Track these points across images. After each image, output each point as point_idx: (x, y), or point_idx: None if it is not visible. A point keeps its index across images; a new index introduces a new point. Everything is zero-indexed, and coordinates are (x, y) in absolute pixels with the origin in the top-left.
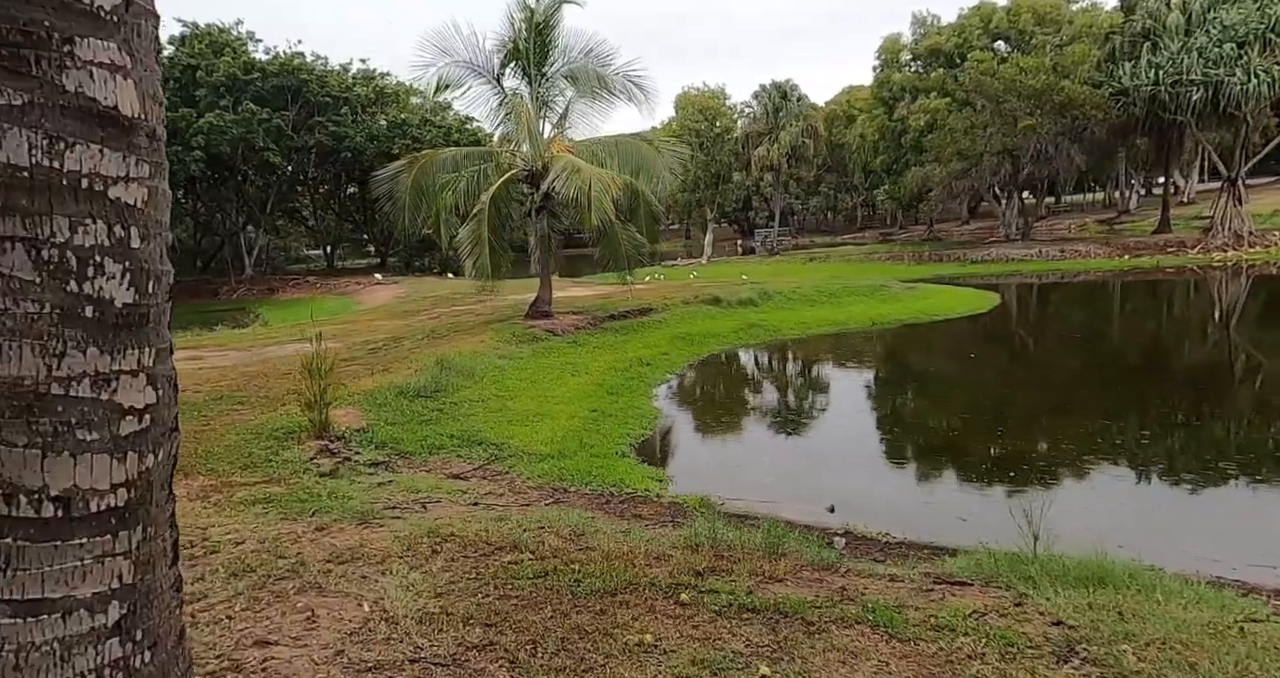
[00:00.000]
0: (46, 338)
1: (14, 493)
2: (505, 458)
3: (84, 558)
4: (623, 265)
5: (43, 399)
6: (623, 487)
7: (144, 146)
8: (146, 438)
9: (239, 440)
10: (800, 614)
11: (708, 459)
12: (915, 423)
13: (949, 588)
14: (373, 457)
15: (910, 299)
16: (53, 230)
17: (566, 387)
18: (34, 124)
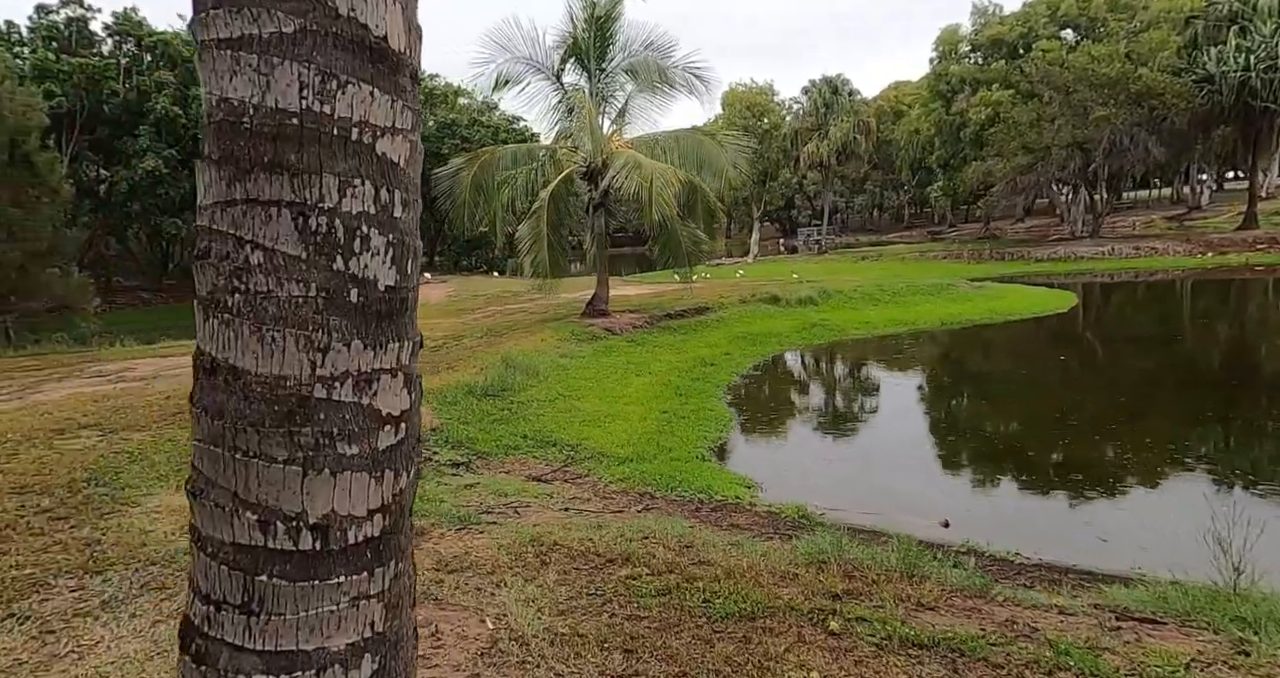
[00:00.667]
0: (311, 328)
1: (270, 519)
2: (582, 460)
3: (340, 601)
4: (683, 263)
5: (305, 404)
6: (711, 493)
7: (408, 90)
8: (401, 453)
9: None
10: (980, 654)
11: (792, 465)
12: (1014, 431)
13: (1140, 626)
14: (452, 457)
15: (980, 298)
16: (321, 193)
17: (632, 387)
18: (305, 57)
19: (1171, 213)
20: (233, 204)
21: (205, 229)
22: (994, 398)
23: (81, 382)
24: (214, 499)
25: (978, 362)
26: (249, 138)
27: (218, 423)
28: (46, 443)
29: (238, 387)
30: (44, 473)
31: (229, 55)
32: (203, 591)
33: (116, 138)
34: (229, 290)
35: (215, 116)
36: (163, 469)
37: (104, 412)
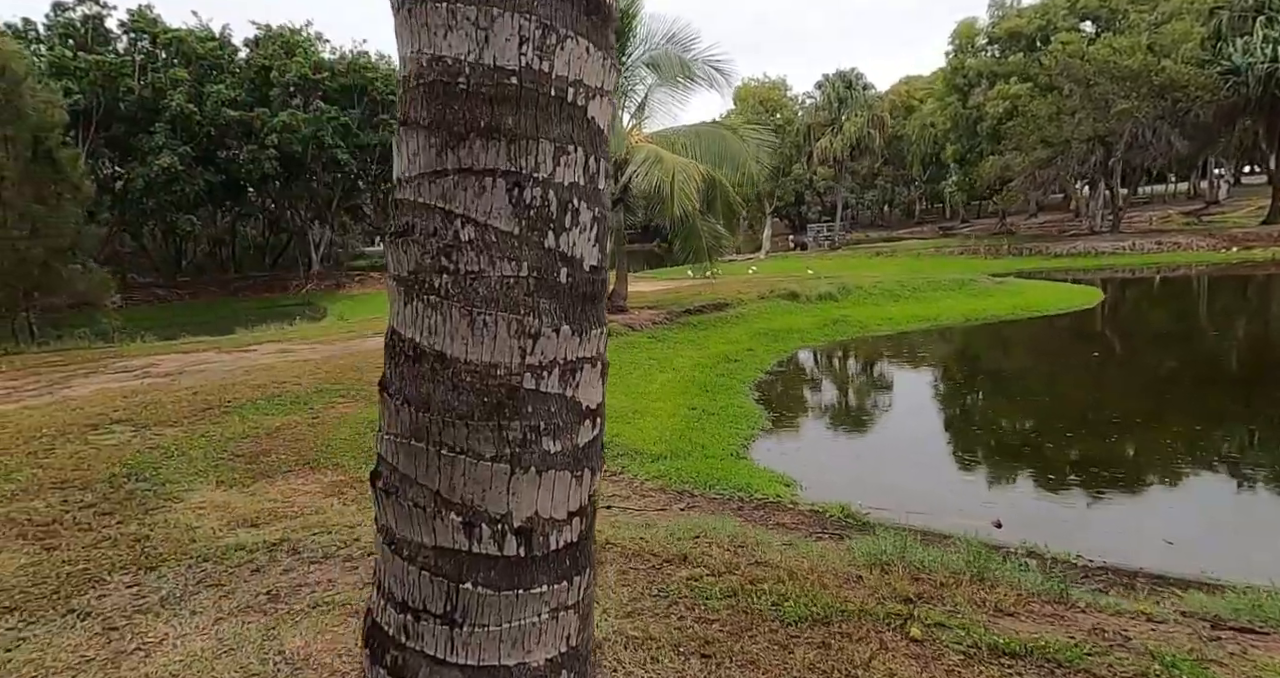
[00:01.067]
0: (522, 311)
1: (475, 521)
2: (616, 457)
3: (541, 612)
4: (703, 258)
5: (514, 395)
6: (750, 492)
7: (614, 47)
8: (595, 450)
9: (353, 434)
10: (1079, 665)
11: (829, 464)
12: (1055, 429)
13: (1240, 637)
14: None
15: (1003, 294)
16: (537, 161)
17: (656, 383)
18: (526, 8)
19: (1188, 208)
20: (443, 175)
21: (408, 203)
22: (1030, 395)
23: (108, 377)
24: (412, 498)
25: (1007, 358)
26: (465, 100)
27: (422, 416)
28: (81, 438)
29: (445, 376)
30: (82, 468)
31: (444, 8)
32: (398, 597)
33: (132, 135)
34: (436, 270)
35: (426, 77)
36: (200, 465)
37: (134, 407)
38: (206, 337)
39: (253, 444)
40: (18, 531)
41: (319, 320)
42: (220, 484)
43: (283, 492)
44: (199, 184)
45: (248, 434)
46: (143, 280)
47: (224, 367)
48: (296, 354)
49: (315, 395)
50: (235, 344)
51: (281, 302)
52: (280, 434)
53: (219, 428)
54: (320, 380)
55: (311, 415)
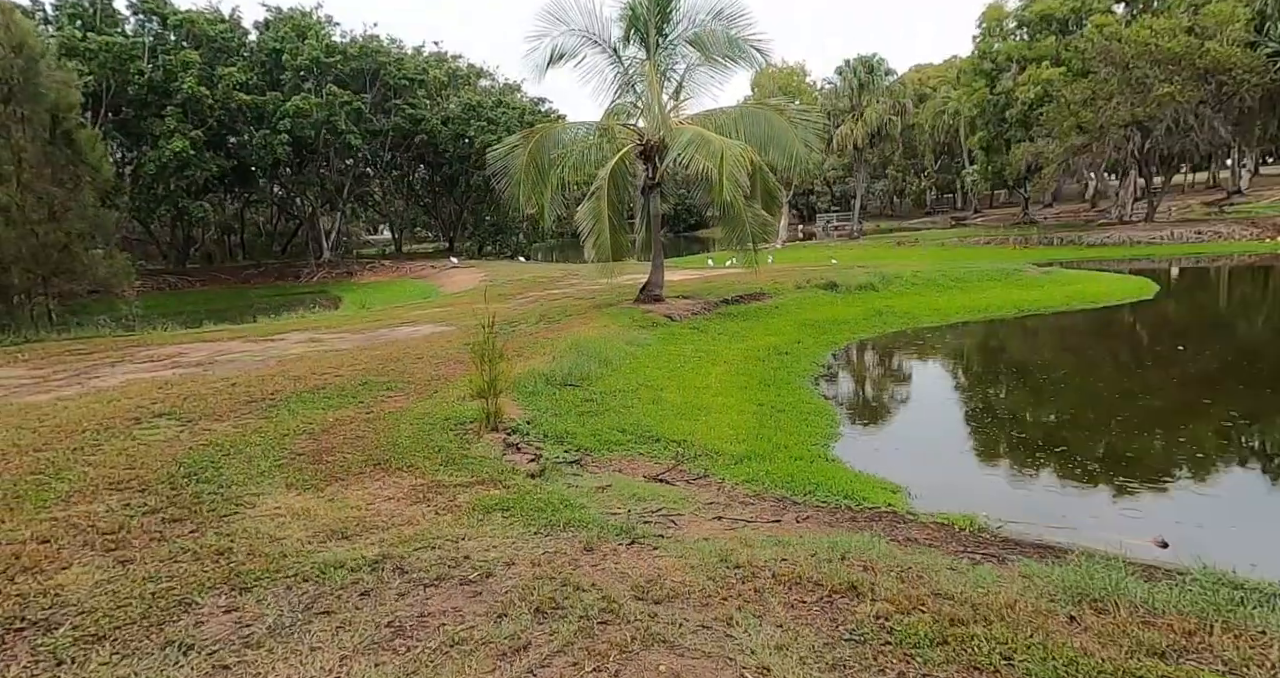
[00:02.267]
0: None
1: None
2: (695, 457)
3: None
4: (747, 245)
5: None
6: (857, 499)
7: None
8: None
9: (416, 431)
10: None
11: (928, 466)
12: (1168, 427)
13: None
14: (559, 453)
15: (1051, 284)
16: None
17: (712, 377)
18: None
19: (1210, 198)
20: None
21: None
22: (1125, 391)
23: (136, 367)
24: None
25: (1081, 352)
26: None
27: None
28: (126, 433)
29: None
30: (136, 466)
31: None
32: None
33: (142, 119)
34: None
35: None
36: (262, 465)
37: (173, 399)
38: (227, 325)
39: (311, 442)
40: (83, 539)
41: (336, 309)
42: (291, 487)
43: (362, 497)
44: (211, 169)
45: (303, 430)
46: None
47: (254, 357)
48: (326, 344)
49: (361, 389)
50: (261, 333)
51: (294, 290)
52: (338, 431)
53: (270, 424)
54: (361, 372)
55: (364, 410)
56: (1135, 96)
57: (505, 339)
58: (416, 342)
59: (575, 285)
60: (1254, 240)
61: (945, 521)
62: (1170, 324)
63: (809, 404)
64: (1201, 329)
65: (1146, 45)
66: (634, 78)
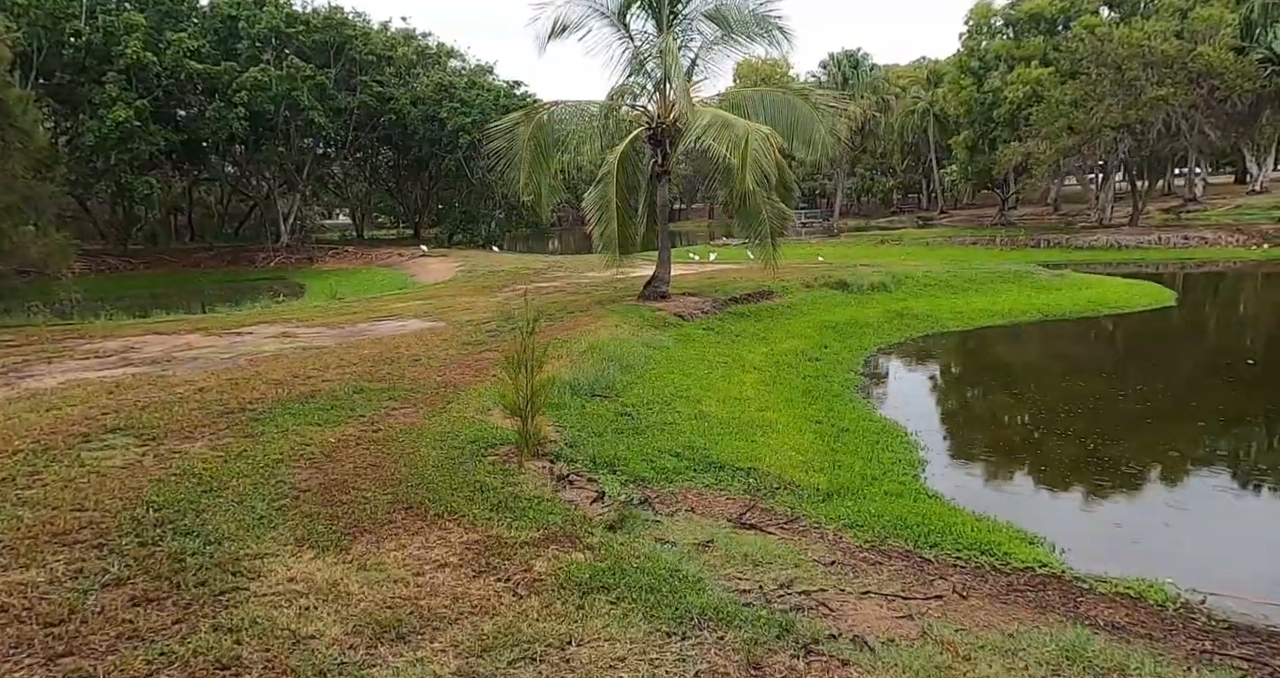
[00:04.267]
0: None
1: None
2: (771, 491)
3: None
4: (765, 240)
5: None
6: (997, 554)
7: None
8: None
9: (442, 457)
10: None
11: (1050, 504)
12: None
13: None
14: (618, 487)
15: (1068, 288)
16: None
17: (747, 387)
18: None
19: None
20: None
21: None
22: (1227, 410)
23: (79, 364)
24: None
25: (1147, 362)
26: None
27: None
28: (73, 456)
29: None
30: (87, 507)
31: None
32: None
33: (79, 85)
34: None
35: None
36: (257, 506)
37: (129, 408)
38: (183, 315)
39: (315, 472)
40: (17, 633)
41: (300, 298)
42: (303, 543)
43: (403, 561)
44: (157, 143)
45: (299, 454)
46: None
47: (220, 353)
48: (302, 340)
49: (358, 398)
50: (224, 325)
51: (250, 275)
52: (344, 456)
53: (257, 445)
54: (353, 376)
55: (369, 427)
56: (1127, 98)
57: (506, 338)
58: (407, 340)
59: (564, 278)
60: (1241, 247)
61: (1131, 592)
62: (1217, 335)
63: (870, 422)
64: (1258, 341)
65: (1140, 47)
66: (644, 54)
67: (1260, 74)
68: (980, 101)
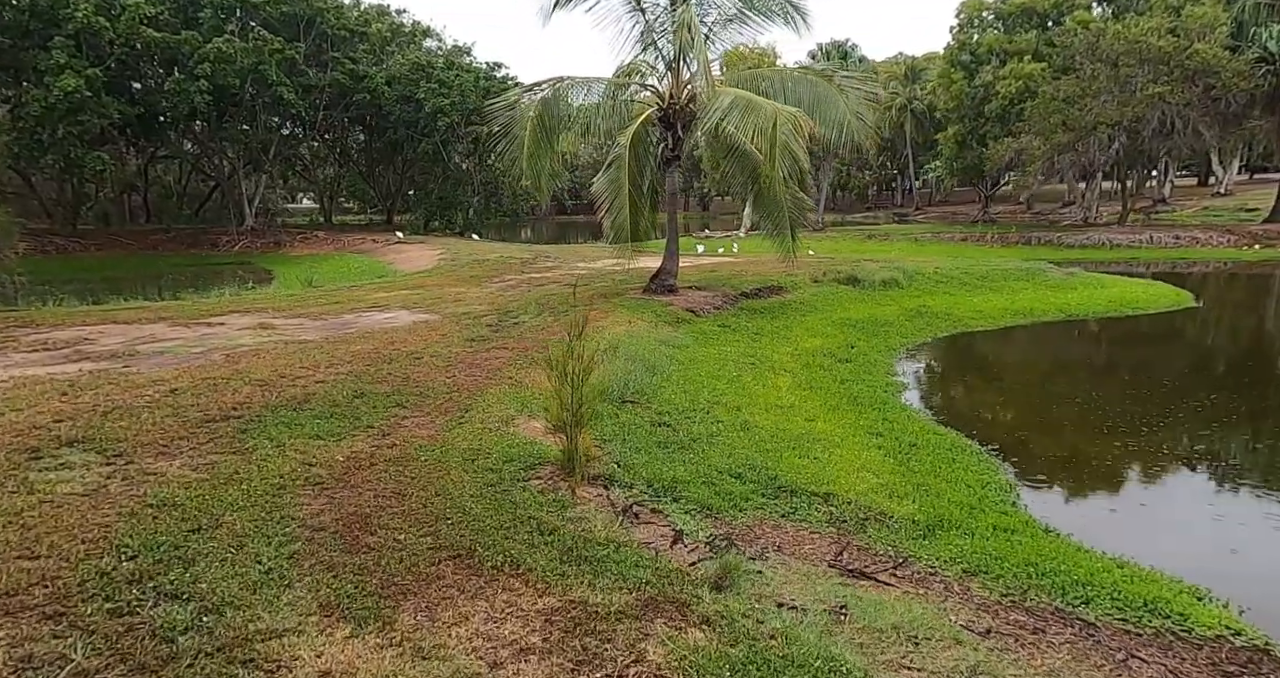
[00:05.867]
0: None
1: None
2: (859, 523)
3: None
4: (785, 232)
5: None
6: (1172, 615)
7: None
8: None
9: (478, 483)
10: None
11: (1177, 538)
12: None
13: None
14: (689, 522)
15: (1083, 287)
16: None
17: (783, 391)
18: None
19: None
20: None
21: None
22: None
23: (25, 358)
24: None
25: (1208, 364)
26: None
27: None
28: (18, 478)
29: None
30: (38, 553)
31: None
32: None
33: (23, 50)
34: None
35: None
36: (262, 552)
37: (88, 414)
38: (143, 302)
39: (327, 503)
40: None
41: (269, 284)
42: (334, 613)
43: (472, 646)
44: (110, 116)
45: (303, 477)
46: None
47: (190, 347)
48: (283, 332)
49: (359, 402)
50: (192, 315)
51: (212, 259)
52: (359, 480)
53: (249, 463)
54: (349, 376)
55: (381, 440)
56: (1122, 95)
57: (512, 333)
58: (401, 334)
59: (553, 269)
60: (1231, 248)
61: None
62: (1255, 337)
63: (935, 435)
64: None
65: (1136, 43)
66: (657, 29)
67: (1255, 73)
68: (971, 96)
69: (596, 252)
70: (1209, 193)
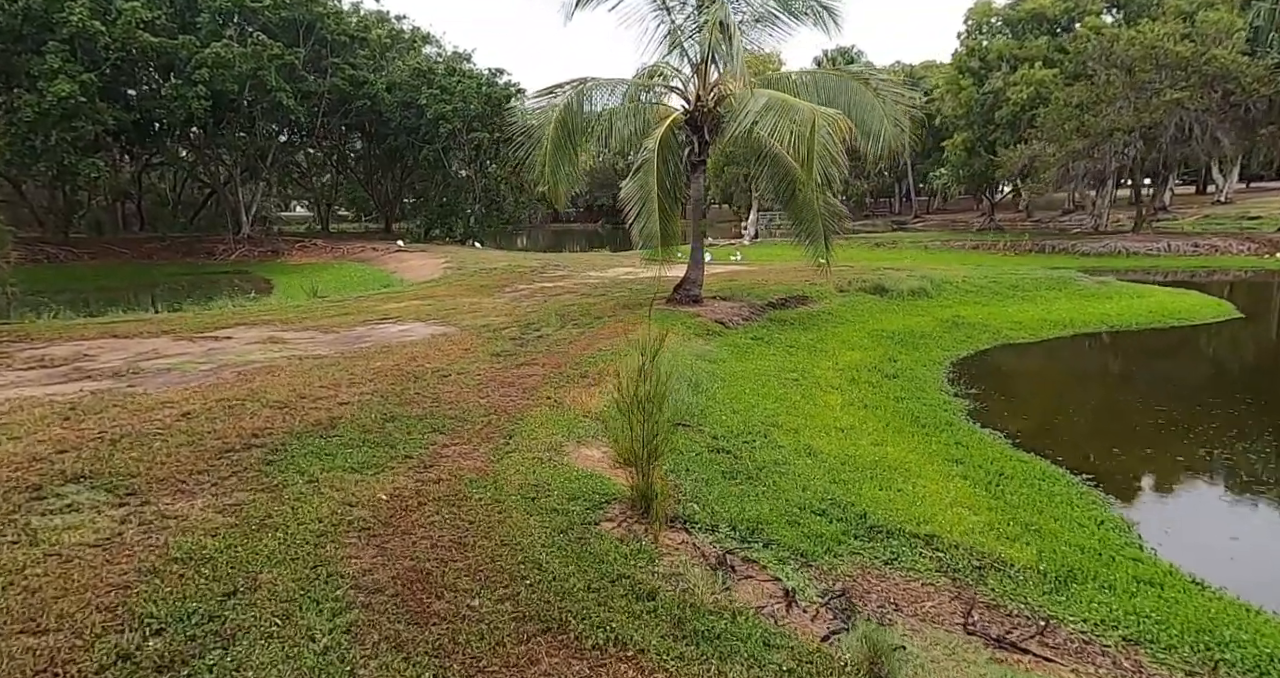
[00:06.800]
0: None
1: None
2: (974, 572)
3: None
4: (819, 240)
5: None
6: None
7: None
8: None
9: (546, 529)
10: None
11: None
12: None
13: None
14: (782, 571)
15: (1120, 297)
16: None
17: (836, 410)
18: None
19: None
20: None
21: None
22: None
23: (20, 377)
24: None
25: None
26: None
27: None
28: (19, 524)
29: None
30: (44, 627)
31: None
32: None
33: (15, 55)
34: None
35: None
36: (318, 629)
37: (94, 443)
38: (139, 312)
39: (379, 555)
40: None
41: (269, 294)
42: None
43: None
44: (106, 122)
45: (347, 521)
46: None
47: (197, 363)
48: (294, 347)
49: (392, 428)
50: (195, 327)
51: (208, 268)
52: (409, 525)
53: (281, 504)
54: (375, 397)
55: (424, 473)
56: (1139, 101)
57: (537, 347)
58: (421, 348)
59: (565, 278)
60: (1253, 256)
61: None
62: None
63: (1019, 462)
64: None
65: (1153, 48)
66: (683, 29)
67: (1275, 78)
68: (980, 102)
69: (605, 260)
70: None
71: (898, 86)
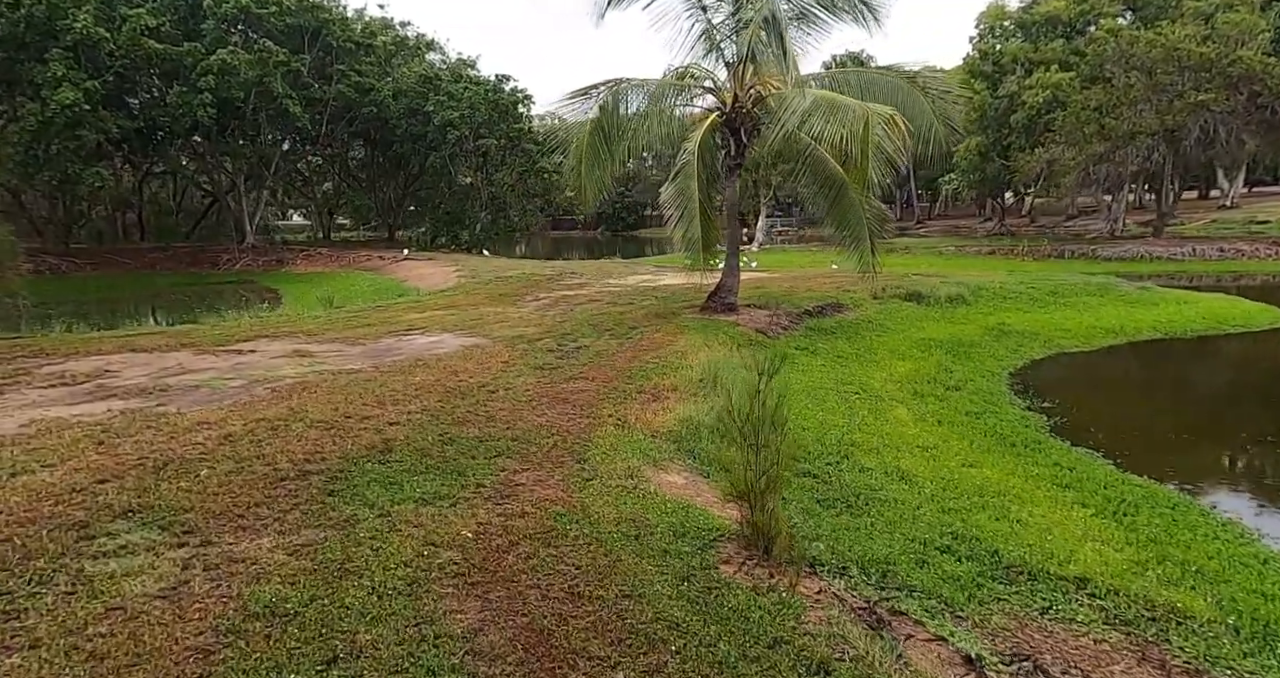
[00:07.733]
0: None
1: None
2: (1147, 624)
3: None
4: (864, 245)
5: None
6: None
7: None
8: None
9: (668, 576)
10: None
11: None
12: None
13: None
14: (942, 627)
15: (1165, 304)
16: None
17: (908, 428)
18: None
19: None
20: None
21: None
22: None
23: (43, 396)
24: None
25: None
26: None
27: None
28: (71, 571)
29: None
30: None
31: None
32: None
33: (18, 62)
34: None
35: None
36: None
37: (135, 472)
38: (157, 328)
39: (484, 607)
40: None
41: (275, 304)
42: None
43: None
44: (109, 130)
45: (437, 566)
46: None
47: (226, 379)
48: (324, 360)
49: (450, 450)
50: (216, 339)
51: (212, 278)
52: (508, 569)
53: (356, 544)
54: (421, 414)
55: (500, 504)
56: (1161, 103)
57: (578, 358)
58: (456, 361)
59: (585, 286)
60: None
61: None
62: None
63: (1140, 488)
64: None
65: (1175, 50)
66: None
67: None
68: (995, 107)
69: (620, 267)
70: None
71: (947, 85)
